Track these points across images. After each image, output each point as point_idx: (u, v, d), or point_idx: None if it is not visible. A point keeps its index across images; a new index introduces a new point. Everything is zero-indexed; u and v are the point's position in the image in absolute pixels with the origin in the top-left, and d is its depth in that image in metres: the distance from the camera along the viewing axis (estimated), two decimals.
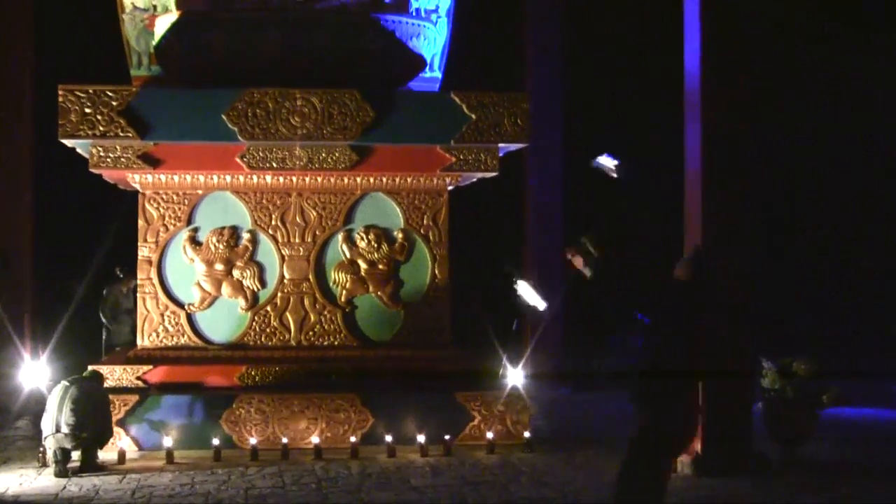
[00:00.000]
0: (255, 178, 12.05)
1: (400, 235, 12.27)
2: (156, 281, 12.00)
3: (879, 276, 19.39)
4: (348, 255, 12.20)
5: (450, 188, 12.44)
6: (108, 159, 11.66)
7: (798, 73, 19.48)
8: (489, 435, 11.18)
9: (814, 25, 19.49)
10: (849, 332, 16.41)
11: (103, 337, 15.23)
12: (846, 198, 19.81)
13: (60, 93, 11.37)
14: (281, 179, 12.10)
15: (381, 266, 12.20)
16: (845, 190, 19.76)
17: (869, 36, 19.44)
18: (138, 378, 11.53)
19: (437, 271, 12.30)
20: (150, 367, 11.59)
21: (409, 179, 12.24)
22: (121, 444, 10.79)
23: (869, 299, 19.26)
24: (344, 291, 12.18)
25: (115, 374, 11.44)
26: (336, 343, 12.10)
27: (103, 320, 15.19)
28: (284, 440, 10.96)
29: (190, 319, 12.04)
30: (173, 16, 12.32)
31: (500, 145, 12.04)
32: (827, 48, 19.58)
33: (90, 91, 11.39)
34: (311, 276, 12.14)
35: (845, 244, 20.18)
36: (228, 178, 12.06)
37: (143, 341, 11.98)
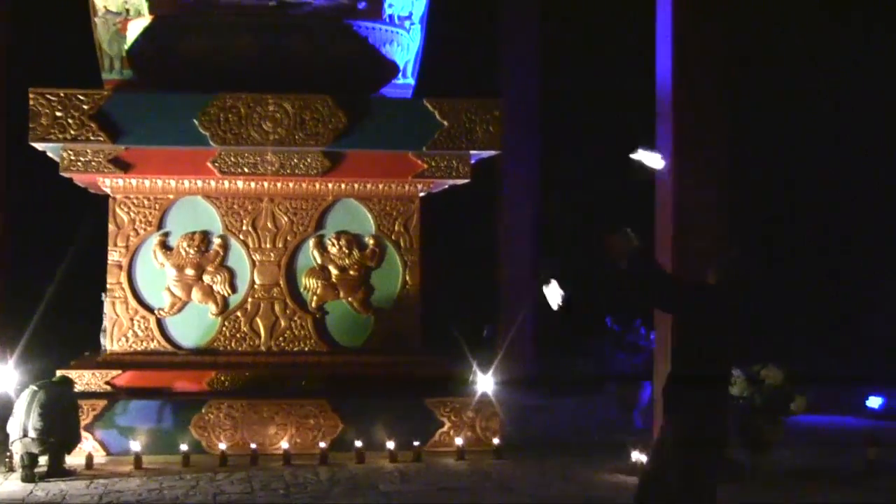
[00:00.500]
0: (226, 183, 12.04)
1: (371, 241, 12.28)
2: (126, 285, 11.97)
3: (849, 282, 19.50)
4: (319, 261, 12.20)
5: (421, 195, 12.46)
6: (79, 163, 11.62)
7: (773, 76, 19.57)
8: (459, 441, 11.20)
9: (791, 26, 19.59)
10: (818, 338, 16.51)
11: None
12: (818, 202, 19.92)
13: (31, 96, 11.34)
14: (252, 185, 12.09)
15: (352, 272, 12.20)
16: (818, 194, 19.86)
17: (849, 35, 19.56)
18: (107, 382, 11.50)
19: (408, 277, 12.32)
20: (120, 371, 11.56)
21: (380, 186, 12.26)
22: (89, 448, 10.75)
23: (838, 306, 19.37)
24: (315, 297, 12.17)
25: (84, 379, 11.40)
26: (306, 349, 12.09)
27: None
28: (254, 446, 10.94)
29: (160, 324, 12.01)
30: (146, 20, 12.30)
31: (473, 152, 12.06)
32: (806, 49, 19.69)
33: (61, 94, 11.37)
34: (281, 282, 12.13)
35: (817, 250, 20.29)
36: (200, 182, 12.04)
37: (113, 346, 11.95)
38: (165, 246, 12.06)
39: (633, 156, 8.18)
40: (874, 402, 14.08)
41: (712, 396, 7.39)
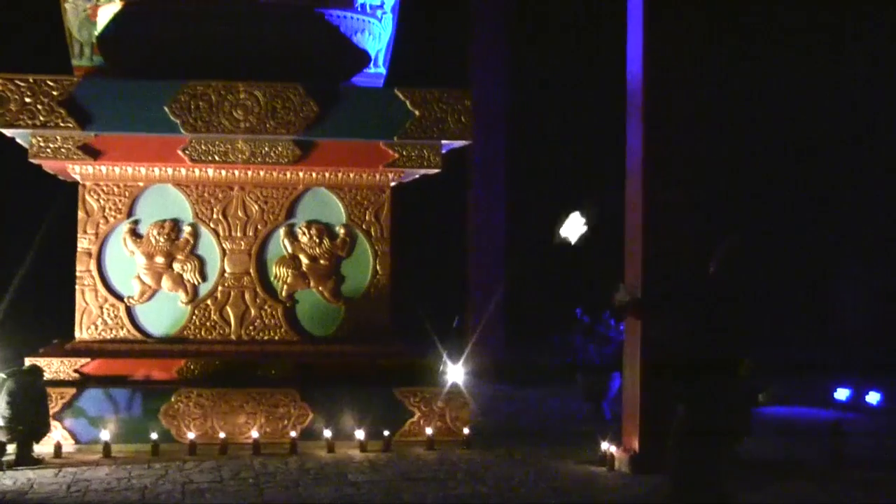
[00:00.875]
0: (197, 171, 11.99)
1: (342, 231, 12.27)
2: (95, 273, 11.90)
3: (817, 274, 19.66)
4: (290, 250, 12.18)
5: (392, 184, 12.45)
6: (48, 150, 11.54)
7: (746, 76, 19.69)
8: (429, 431, 11.22)
9: (761, 28, 19.71)
10: (786, 330, 16.62)
11: None
12: (790, 196, 20.06)
13: (0, 81, 11.25)
14: (223, 173, 12.05)
15: (322, 261, 12.19)
16: (790, 189, 20.01)
17: (818, 38, 19.70)
18: (76, 371, 11.44)
19: (378, 267, 12.31)
20: (89, 359, 11.50)
21: (351, 175, 12.24)
22: (57, 437, 10.70)
23: (807, 297, 19.52)
24: (285, 286, 12.15)
25: (52, 367, 11.33)
26: (276, 338, 12.07)
27: None
28: (223, 435, 10.92)
29: (129, 312, 11.96)
30: (116, 6, 12.22)
31: (444, 142, 12.06)
32: (777, 50, 19.82)
33: (30, 80, 11.27)
34: (252, 271, 12.10)
35: (787, 243, 20.43)
36: (170, 170, 11.99)
37: (82, 334, 11.89)
38: (135, 234, 12.00)
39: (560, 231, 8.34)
40: (841, 393, 14.19)
41: (714, 386, 7.47)
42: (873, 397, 14.10)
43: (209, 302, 12.04)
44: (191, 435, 10.86)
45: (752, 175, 20.09)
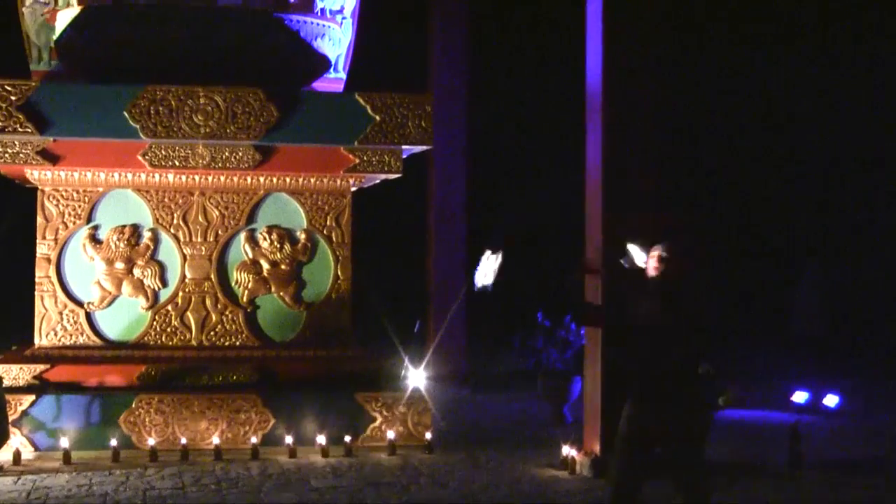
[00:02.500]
0: (156, 176, 11.95)
1: (303, 236, 12.25)
2: (54, 279, 11.82)
3: (778, 276, 19.81)
4: (251, 255, 12.15)
5: (353, 189, 12.45)
6: (6, 155, 11.45)
7: (707, 75, 19.83)
8: (390, 436, 11.22)
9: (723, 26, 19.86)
10: (744, 333, 16.74)
11: None
12: (754, 198, 20.22)
13: None
14: (183, 178, 12.01)
15: (283, 266, 12.17)
16: (754, 190, 20.17)
17: (782, 37, 19.87)
18: (35, 377, 11.35)
19: (339, 272, 12.31)
20: (48, 366, 11.41)
21: (312, 180, 12.23)
22: (16, 444, 10.62)
23: (766, 300, 19.67)
24: (246, 291, 12.12)
25: (11, 373, 11.24)
26: (237, 343, 12.04)
27: None
28: (184, 441, 10.88)
29: (89, 318, 11.89)
30: (74, 10, 12.15)
31: (404, 147, 12.07)
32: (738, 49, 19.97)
33: None
34: (212, 276, 12.07)
35: (747, 246, 20.59)
36: (130, 175, 11.93)
37: (41, 340, 11.80)
38: (95, 239, 11.94)
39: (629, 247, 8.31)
40: (800, 396, 14.31)
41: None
42: (831, 400, 14.23)
43: (170, 307, 12.00)
44: (151, 441, 10.81)
45: (712, 175, 20.24)
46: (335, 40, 12.76)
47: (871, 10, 19.34)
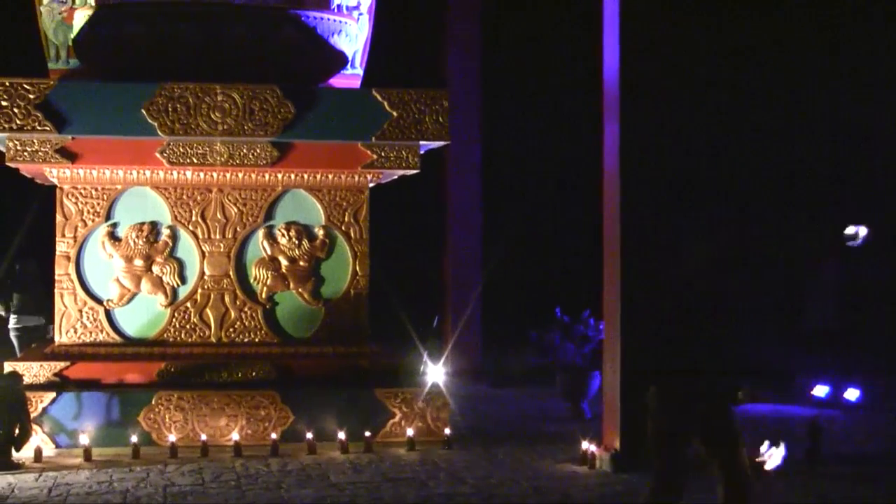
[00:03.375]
0: (175, 173, 11.97)
1: (321, 232, 12.27)
2: (74, 277, 11.87)
3: (788, 271, 19.73)
4: (269, 252, 12.17)
5: (371, 185, 12.46)
6: (25, 153, 11.50)
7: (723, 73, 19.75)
8: (409, 432, 11.23)
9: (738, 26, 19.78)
10: (761, 328, 16.69)
11: None
12: (766, 191, 20.14)
13: None
14: (201, 175, 12.03)
15: (301, 263, 12.19)
16: (767, 183, 20.09)
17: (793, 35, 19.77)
18: (55, 375, 11.41)
19: (357, 268, 12.32)
20: (68, 363, 11.47)
21: (329, 176, 12.24)
22: (37, 441, 10.66)
23: (779, 295, 19.59)
24: (264, 288, 12.14)
25: (32, 371, 11.30)
26: (256, 340, 12.07)
27: None
28: (204, 437, 10.91)
29: (108, 316, 11.93)
30: (91, 8, 12.19)
31: (421, 143, 12.07)
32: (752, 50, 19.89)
33: (6, 84, 11.26)
34: (231, 273, 12.09)
35: (763, 240, 20.50)
36: (148, 173, 11.96)
37: (61, 337, 11.85)
38: (114, 237, 11.97)
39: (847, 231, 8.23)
40: (820, 390, 14.27)
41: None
42: (852, 394, 14.19)
43: (188, 304, 12.03)
44: (171, 438, 10.85)
45: (731, 173, 20.16)
46: (352, 36, 12.77)
47: None
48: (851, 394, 14.20)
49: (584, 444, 10.47)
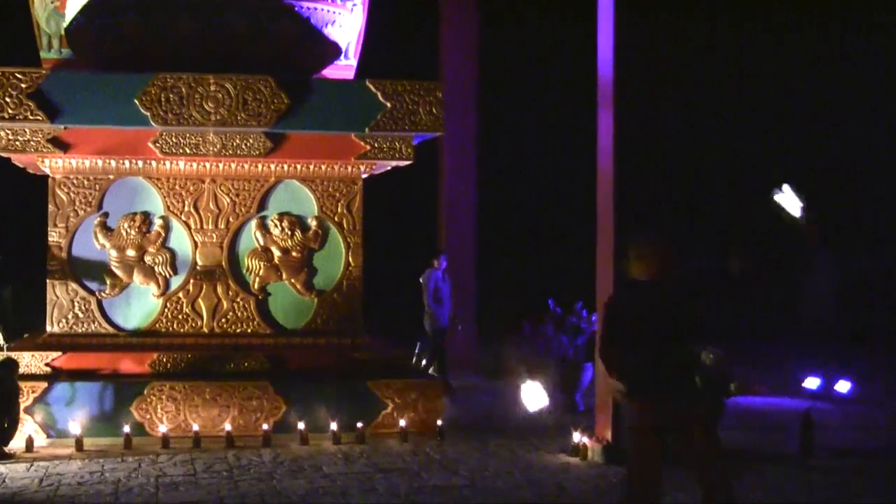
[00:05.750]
0: (167, 163, 11.95)
1: (314, 223, 12.24)
2: (66, 267, 11.84)
3: (784, 266, 19.77)
4: (262, 243, 12.15)
5: (364, 176, 12.44)
6: (17, 143, 11.47)
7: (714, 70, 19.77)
8: (402, 423, 11.22)
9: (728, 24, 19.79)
10: (754, 320, 16.73)
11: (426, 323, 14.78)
12: (758, 186, 20.17)
13: None
14: (194, 165, 12.01)
15: (294, 253, 12.17)
16: (757, 184, 20.11)
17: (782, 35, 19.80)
18: (48, 365, 11.39)
19: (350, 259, 12.30)
20: (60, 353, 11.45)
21: (323, 167, 12.22)
22: (29, 431, 10.63)
23: (774, 288, 19.62)
24: (257, 279, 12.12)
25: (24, 361, 11.25)
26: (249, 330, 12.05)
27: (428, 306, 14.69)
28: (196, 427, 10.89)
29: (101, 306, 11.91)
30: None
31: (415, 134, 12.05)
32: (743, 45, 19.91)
33: None
34: (224, 263, 12.08)
35: (753, 237, 20.52)
36: (141, 163, 11.94)
37: (53, 327, 11.83)
38: (106, 227, 11.94)
39: (776, 197, 8.17)
40: (812, 383, 14.29)
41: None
42: (843, 387, 14.21)
43: (181, 295, 12.01)
44: (163, 428, 10.83)
45: (723, 168, 20.19)
46: (346, 27, 12.74)
47: None
48: (842, 386, 14.22)
49: (577, 436, 10.47)
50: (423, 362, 14.53)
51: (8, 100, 11.19)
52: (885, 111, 20.24)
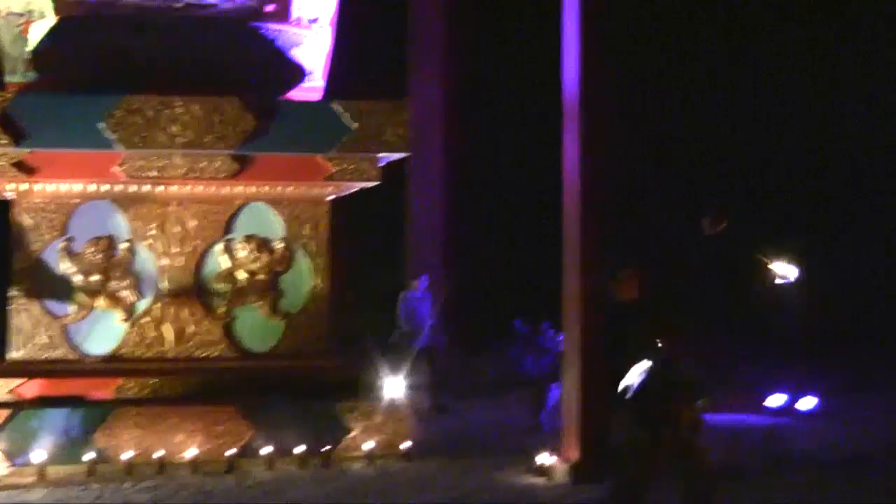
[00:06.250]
0: (133, 186, 11.89)
1: (280, 245, 12.21)
2: (30, 292, 11.75)
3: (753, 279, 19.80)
4: (228, 265, 12.11)
5: (331, 198, 12.42)
6: None
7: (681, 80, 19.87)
8: (369, 445, 11.19)
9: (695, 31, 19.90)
10: (720, 340, 16.76)
11: None
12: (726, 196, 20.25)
13: None
14: (160, 188, 11.96)
15: (260, 276, 12.13)
16: (726, 188, 20.22)
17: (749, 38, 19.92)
18: (10, 392, 11.29)
19: (317, 281, 12.27)
20: (24, 379, 11.35)
21: (289, 189, 12.21)
22: None
23: (743, 303, 19.65)
24: (224, 302, 12.07)
25: None
26: (215, 354, 12.00)
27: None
28: (161, 453, 10.81)
29: (65, 331, 11.83)
30: (50, 21, 12.11)
31: (382, 155, 12.05)
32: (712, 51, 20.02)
33: None
34: (190, 287, 12.02)
35: (722, 247, 20.57)
36: (106, 186, 11.88)
37: (17, 353, 11.74)
38: (70, 251, 11.87)
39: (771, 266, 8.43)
40: (777, 399, 14.35)
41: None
42: (806, 403, 14.28)
43: (146, 319, 11.94)
44: (128, 455, 10.74)
45: (691, 178, 20.26)
46: (312, 49, 12.74)
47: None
48: (806, 403, 14.29)
49: (542, 456, 10.47)
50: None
51: None
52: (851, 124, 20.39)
